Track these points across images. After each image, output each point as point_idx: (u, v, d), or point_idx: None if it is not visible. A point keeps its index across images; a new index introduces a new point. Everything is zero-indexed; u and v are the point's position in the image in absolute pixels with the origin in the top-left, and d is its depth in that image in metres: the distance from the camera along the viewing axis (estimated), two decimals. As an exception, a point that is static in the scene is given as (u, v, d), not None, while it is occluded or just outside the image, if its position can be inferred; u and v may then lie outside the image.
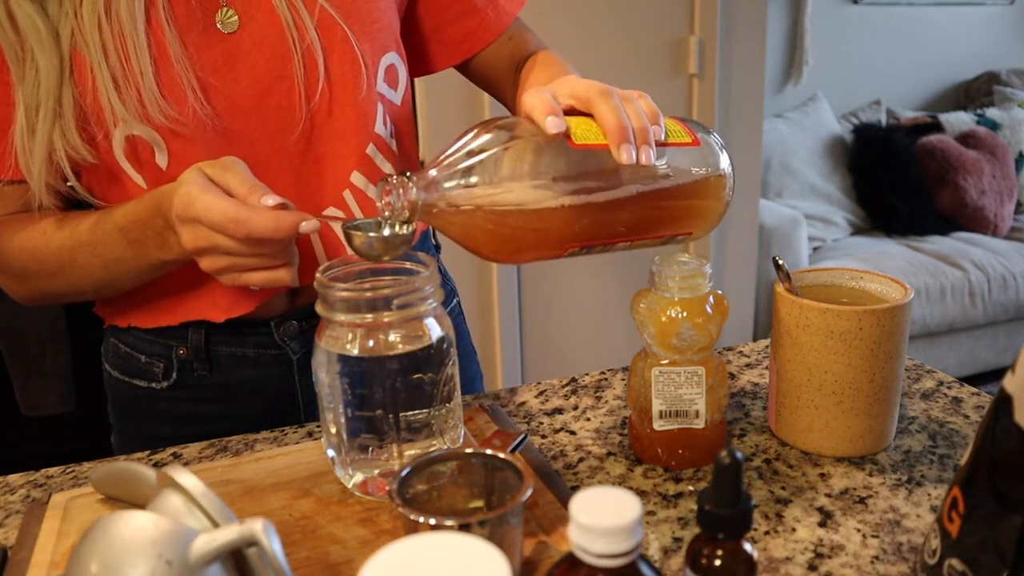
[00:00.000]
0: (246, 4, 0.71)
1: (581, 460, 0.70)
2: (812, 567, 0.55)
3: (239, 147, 0.73)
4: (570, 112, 0.62)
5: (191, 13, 0.70)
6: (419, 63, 0.89)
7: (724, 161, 0.67)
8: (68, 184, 0.73)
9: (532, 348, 2.22)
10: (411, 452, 0.61)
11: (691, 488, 0.65)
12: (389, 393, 0.59)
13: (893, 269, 2.66)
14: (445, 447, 0.61)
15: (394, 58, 0.80)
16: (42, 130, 0.68)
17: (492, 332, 2.15)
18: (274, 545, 0.44)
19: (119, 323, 0.83)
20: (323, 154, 0.77)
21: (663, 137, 0.62)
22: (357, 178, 0.78)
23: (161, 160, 0.72)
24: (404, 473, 0.52)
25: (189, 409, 0.83)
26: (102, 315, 0.85)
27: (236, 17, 0.71)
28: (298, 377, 0.84)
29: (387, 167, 0.80)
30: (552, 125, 0.57)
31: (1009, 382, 0.45)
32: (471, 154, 0.57)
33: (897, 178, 2.91)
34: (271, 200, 0.63)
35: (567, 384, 0.84)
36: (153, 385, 0.83)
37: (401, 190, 0.56)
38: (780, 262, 0.69)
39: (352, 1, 0.75)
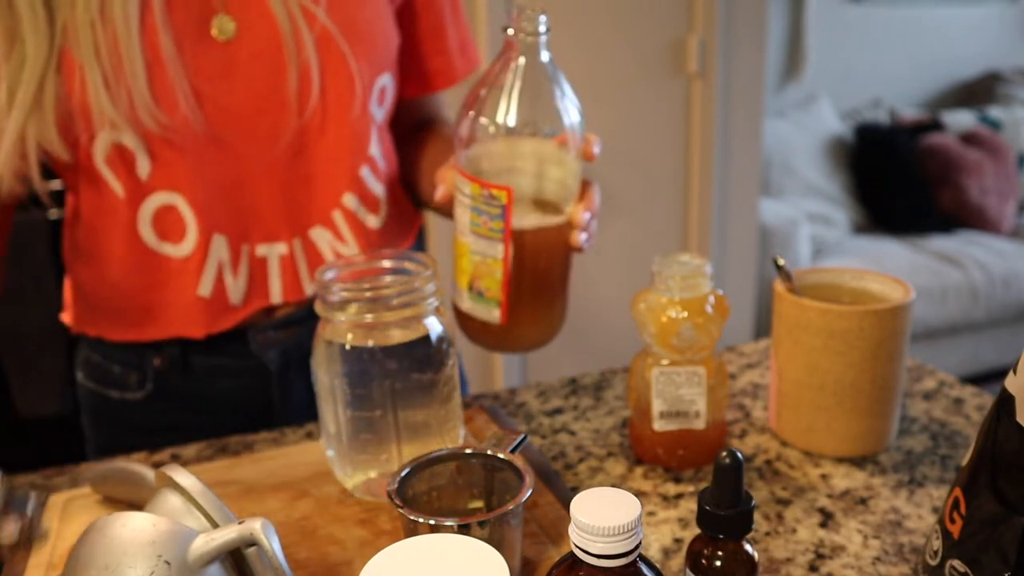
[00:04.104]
0: (244, 12, 0.70)
1: (581, 460, 0.70)
2: (813, 568, 0.55)
3: (228, 158, 0.72)
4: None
5: (188, 19, 0.69)
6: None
7: None
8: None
9: (532, 348, 2.21)
10: (411, 452, 0.61)
11: (691, 488, 0.65)
12: (389, 393, 0.59)
13: (894, 269, 2.65)
14: (445, 447, 0.61)
15: (387, 80, 0.79)
16: (17, 114, 0.67)
17: (492, 332, 2.14)
18: (273, 544, 0.43)
19: (88, 331, 0.81)
20: (314, 172, 0.76)
21: None
22: (349, 200, 0.78)
23: (142, 170, 0.71)
24: (404, 473, 0.52)
25: (164, 420, 0.81)
26: (67, 323, 0.83)
27: (233, 25, 0.70)
28: (275, 387, 0.82)
29: (378, 188, 0.80)
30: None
31: (1011, 382, 0.45)
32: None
33: (898, 177, 2.91)
34: None
35: (567, 384, 0.84)
36: (127, 396, 0.81)
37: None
38: (780, 262, 0.69)
39: (353, 21, 0.74)
